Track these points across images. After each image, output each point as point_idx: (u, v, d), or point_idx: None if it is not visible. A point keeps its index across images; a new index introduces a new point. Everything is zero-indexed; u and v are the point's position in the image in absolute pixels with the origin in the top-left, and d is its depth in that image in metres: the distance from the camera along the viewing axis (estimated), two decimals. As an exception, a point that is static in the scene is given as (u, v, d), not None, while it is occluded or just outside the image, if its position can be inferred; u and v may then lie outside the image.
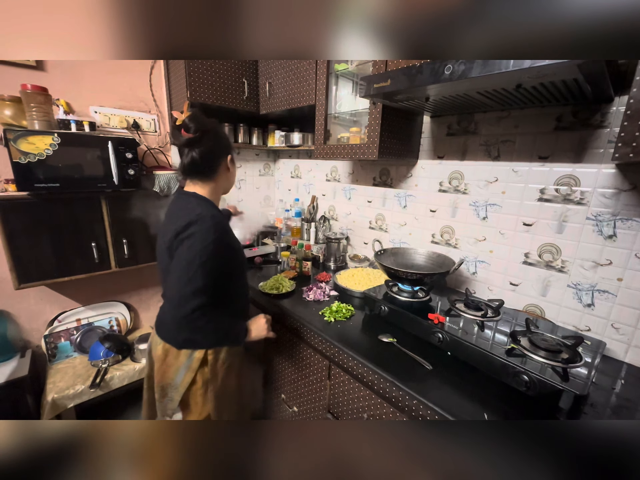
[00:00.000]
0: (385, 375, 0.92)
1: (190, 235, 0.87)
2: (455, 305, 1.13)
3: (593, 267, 1.04)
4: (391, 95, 1.04)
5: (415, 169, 1.51)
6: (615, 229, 0.99)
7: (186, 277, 0.85)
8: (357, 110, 1.44)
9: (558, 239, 1.11)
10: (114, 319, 1.84)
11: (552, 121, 1.07)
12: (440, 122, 1.38)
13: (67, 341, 1.69)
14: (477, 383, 0.89)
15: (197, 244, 0.86)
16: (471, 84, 0.85)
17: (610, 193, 0.98)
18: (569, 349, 0.89)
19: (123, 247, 1.60)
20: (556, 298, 1.13)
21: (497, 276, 1.28)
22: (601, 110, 0.97)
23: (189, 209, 0.92)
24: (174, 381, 1.02)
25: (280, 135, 2.03)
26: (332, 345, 1.10)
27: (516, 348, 0.90)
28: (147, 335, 1.77)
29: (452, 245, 1.42)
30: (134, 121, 1.75)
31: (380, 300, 1.20)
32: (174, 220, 0.92)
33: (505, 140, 1.19)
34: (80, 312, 1.78)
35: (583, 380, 0.78)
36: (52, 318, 1.69)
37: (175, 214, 0.94)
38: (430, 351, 1.02)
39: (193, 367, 1.00)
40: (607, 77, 0.76)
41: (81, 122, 1.41)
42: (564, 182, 1.07)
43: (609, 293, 1.02)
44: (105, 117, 1.67)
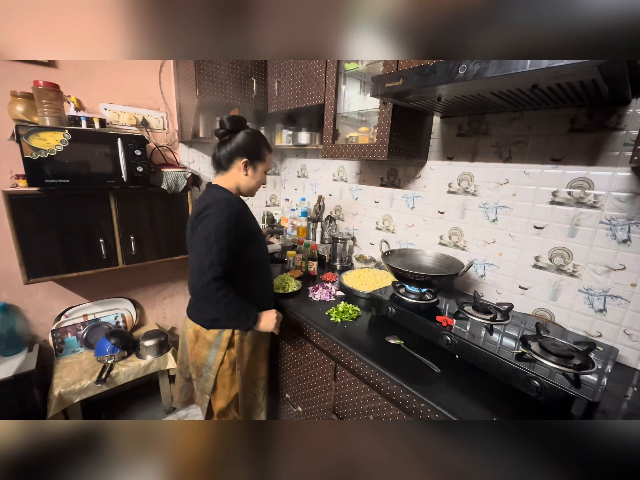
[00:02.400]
0: (392, 377, 0.91)
1: (207, 215, 0.99)
2: (464, 308, 1.12)
3: (606, 271, 1.02)
4: (402, 95, 1.03)
5: (424, 170, 1.50)
6: (630, 233, 0.97)
7: (205, 251, 0.96)
8: (367, 110, 1.43)
9: (570, 242, 1.09)
10: (120, 315, 1.85)
11: (566, 123, 1.05)
12: (451, 122, 1.36)
13: (74, 336, 1.70)
14: (486, 387, 0.88)
15: (212, 222, 0.98)
16: (486, 84, 0.84)
17: (625, 197, 0.97)
18: (580, 355, 0.87)
19: (130, 244, 1.61)
20: (567, 303, 1.12)
21: (506, 279, 1.27)
22: (617, 112, 0.95)
23: (209, 195, 1.05)
24: (207, 361, 1.14)
25: (288, 134, 2.02)
26: (339, 346, 1.10)
27: (526, 352, 0.88)
28: (153, 332, 1.78)
29: (461, 248, 1.40)
30: (143, 118, 1.76)
31: (387, 301, 1.19)
32: (196, 205, 1.06)
33: (517, 141, 1.17)
34: (87, 307, 1.79)
35: (595, 387, 0.77)
36: (60, 313, 1.71)
37: (199, 201, 1.07)
38: (438, 354, 1.00)
39: (222, 346, 1.12)
40: (627, 78, 0.74)
41: (91, 119, 1.42)
42: (577, 185, 1.05)
43: (621, 299, 1.00)
44: (115, 114, 1.68)
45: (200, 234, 0.99)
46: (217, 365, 1.13)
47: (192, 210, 1.08)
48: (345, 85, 1.50)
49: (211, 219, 0.98)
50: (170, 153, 1.89)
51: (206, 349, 1.13)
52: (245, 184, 1.13)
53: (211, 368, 1.14)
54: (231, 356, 1.13)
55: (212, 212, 0.99)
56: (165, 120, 1.86)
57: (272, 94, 1.81)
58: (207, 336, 1.12)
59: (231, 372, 1.15)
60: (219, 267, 0.97)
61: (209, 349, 1.12)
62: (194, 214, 1.04)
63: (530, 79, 0.77)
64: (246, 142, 1.07)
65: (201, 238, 0.98)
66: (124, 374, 1.59)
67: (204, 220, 0.99)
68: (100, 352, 1.62)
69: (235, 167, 1.09)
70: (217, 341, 1.12)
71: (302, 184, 2.31)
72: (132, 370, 1.61)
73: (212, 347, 1.12)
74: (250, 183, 1.13)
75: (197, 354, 1.14)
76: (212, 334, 1.12)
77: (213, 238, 0.97)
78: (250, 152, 1.08)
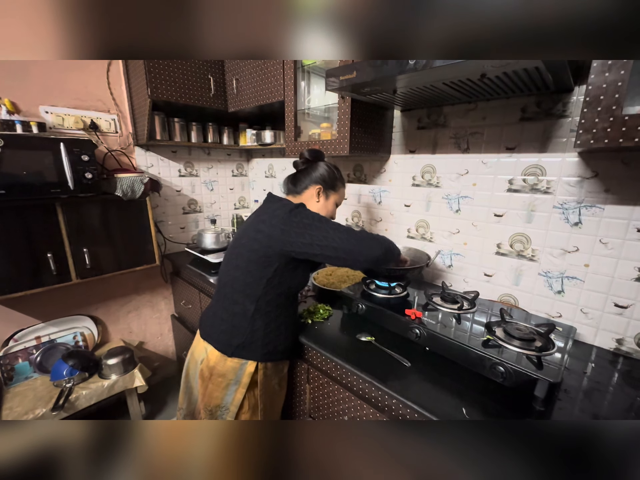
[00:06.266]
0: (363, 375, 0.89)
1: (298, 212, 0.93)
2: (432, 299, 1.13)
3: (561, 254, 1.06)
4: (358, 87, 1.01)
5: (389, 164, 1.50)
6: (580, 216, 1.01)
7: (346, 235, 0.88)
8: (328, 105, 1.40)
9: (528, 228, 1.12)
10: (79, 334, 1.71)
11: (518, 112, 1.08)
12: (411, 115, 1.37)
13: (26, 361, 1.55)
14: (456, 377, 0.88)
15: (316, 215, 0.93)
16: (436, 74, 0.84)
17: (575, 181, 1.01)
18: (541, 337, 0.89)
19: (84, 257, 1.49)
20: (528, 286, 1.15)
21: (472, 268, 1.29)
22: (562, 100, 0.99)
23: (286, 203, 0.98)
24: (224, 401, 0.99)
25: (252, 133, 1.97)
26: (310, 348, 1.07)
27: (491, 339, 0.90)
28: (116, 349, 1.66)
29: (428, 239, 1.42)
30: (91, 121, 1.64)
31: (357, 298, 1.18)
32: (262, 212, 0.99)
33: (473, 132, 1.19)
34: (40, 328, 1.64)
35: (557, 366, 0.79)
36: (7, 338, 1.55)
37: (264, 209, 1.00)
38: (409, 347, 1.00)
39: (244, 383, 0.97)
40: (566, 66, 0.77)
41: (28, 123, 1.29)
42: (530, 172, 1.09)
43: (577, 279, 1.04)
44: (59, 117, 1.55)
45: (321, 229, 0.89)
46: (235, 406, 0.98)
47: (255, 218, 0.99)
48: (304, 81, 1.47)
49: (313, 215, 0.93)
50: (126, 157, 1.78)
51: (223, 385, 0.98)
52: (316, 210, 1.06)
53: (228, 409, 0.98)
54: (253, 398, 1.00)
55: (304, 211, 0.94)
56: (118, 123, 1.74)
57: (231, 93, 1.74)
58: (224, 370, 0.97)
59: (250, 416, 1.00)
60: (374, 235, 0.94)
61: (227, 386, 0.98)
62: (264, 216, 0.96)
63: (478, 68, 0.78)
64: (323, 172, 1.07)
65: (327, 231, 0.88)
66: (85, 398, 1.47)
67: (305, 220, 0.90)
68: (56, 376, 1.49)
69: (309, 193, 1.07)
70: (238, 376, 0.97)
71: (271, 184, 2.25)
72: (94, 393, 1.50)
73: (231, 385, 0.97)
74: (320, 211, 1.07)
75: (211, 393, 0.99)
76: (232, 368, 0.97)
77: (333, 224, 0.90)
78: (325, 181, 1.07)
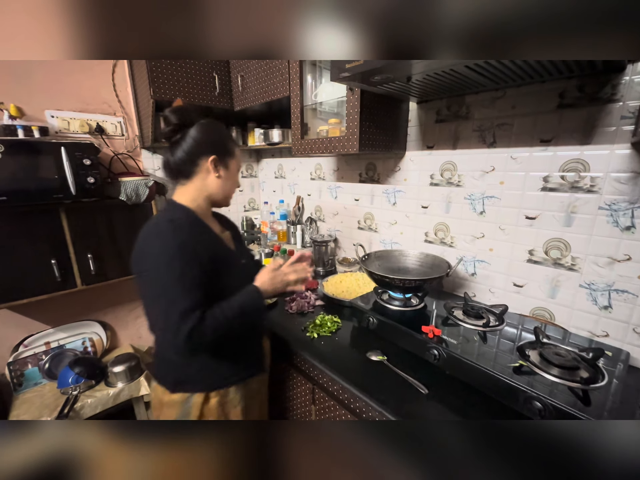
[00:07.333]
0: (372, 404, 0.78)
1: (150, 253, 0.74)
2: (453, 313, 1.00)
3: (609, 263, 0.90)
4: (367, 76, 0.90)
5: (404, 162, 1.37)
6: (633, 218, 0.85)
7: (167, 300, 0.71)
8: (336, 99, 1.30)
9: (566, 232, 0.97)
10: (87, 340, 1.69)
11: (555, 98, 0.93)
12: (428, 107, 1.24)
13: (36, 367, 1.55)
14: (483, 408, 0.75)
15: (161, 258, 0.72)
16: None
17: (626, 177, 0.85)
18: (587, 364, 0.75)
19: (88, 263, 1.46)
20: (567, 300, 1.00)
21: (499, 277, 1.15)
22: (612, 82, 0.83)
23: (150, 222, 0.79)
24: None
25: (260, 133, 1.89)
26: (315, 366, 0.97)
27: (525, 365, 0.76)
28: (122, 356, 1.63)
29: (448, 244, 1.28)
30: (97, 125, 1.61)
31: (368, 311, 1.06)
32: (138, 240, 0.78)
33: (501, 123, 1.05)
34: (49, 334, 1.64)
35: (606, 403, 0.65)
36: (17, 343, 1.55)
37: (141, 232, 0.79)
38: (427, 370, 0.88)
39: (194, 415, 0.83)
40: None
41: (30, 128, 1.27)
42: (570, 168, 0.93)
43: (628, 293, 0.88)
44: (64, 121, 1.53)
45: (152, 279, 0.74)
46: None
47: None
48: (312, 74, 1.37)
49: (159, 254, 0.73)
50: (132, 161, 1.74)
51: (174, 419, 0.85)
52: (218, 188, 0.85)
53: None
54: None
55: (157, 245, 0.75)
56: (124, 126, 1.71)
57: (237, 90, 1.67)
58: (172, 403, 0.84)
59: None
60: (195, 309, 0.72)
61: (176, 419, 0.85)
62: (136, 255, 0.78)
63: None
64: (208, 136, 0.81)
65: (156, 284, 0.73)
66: (90, 406, 1.44)
67: (150, 260, 0.74)
68: (62, 383, 1.47)
69: (202, 170, 0.82)
70: (185, 409, 0.83)
71: (281, 185, 2.17)
72: (99, 401, 1.47)
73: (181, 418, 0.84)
74: (225, 186, 0.86)
75: None
76: (177, 400, 0.83)
77: (171, 278, 0.72)
78: (216, 147, 0.83)
